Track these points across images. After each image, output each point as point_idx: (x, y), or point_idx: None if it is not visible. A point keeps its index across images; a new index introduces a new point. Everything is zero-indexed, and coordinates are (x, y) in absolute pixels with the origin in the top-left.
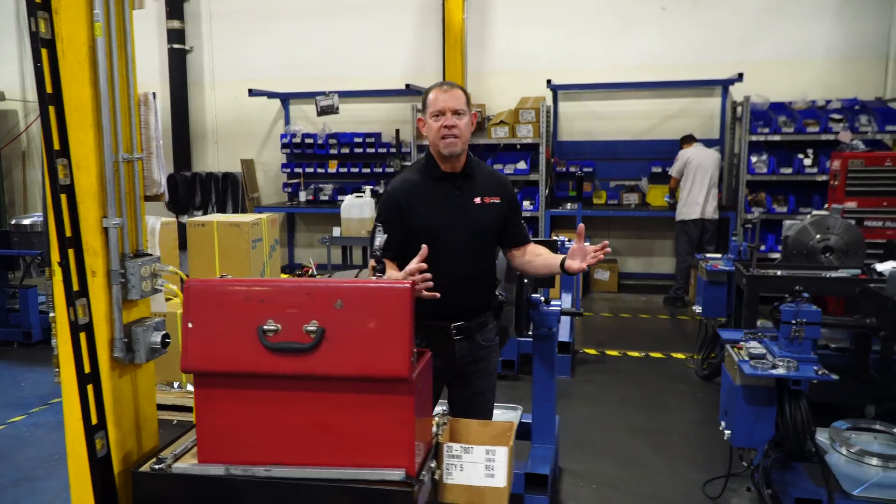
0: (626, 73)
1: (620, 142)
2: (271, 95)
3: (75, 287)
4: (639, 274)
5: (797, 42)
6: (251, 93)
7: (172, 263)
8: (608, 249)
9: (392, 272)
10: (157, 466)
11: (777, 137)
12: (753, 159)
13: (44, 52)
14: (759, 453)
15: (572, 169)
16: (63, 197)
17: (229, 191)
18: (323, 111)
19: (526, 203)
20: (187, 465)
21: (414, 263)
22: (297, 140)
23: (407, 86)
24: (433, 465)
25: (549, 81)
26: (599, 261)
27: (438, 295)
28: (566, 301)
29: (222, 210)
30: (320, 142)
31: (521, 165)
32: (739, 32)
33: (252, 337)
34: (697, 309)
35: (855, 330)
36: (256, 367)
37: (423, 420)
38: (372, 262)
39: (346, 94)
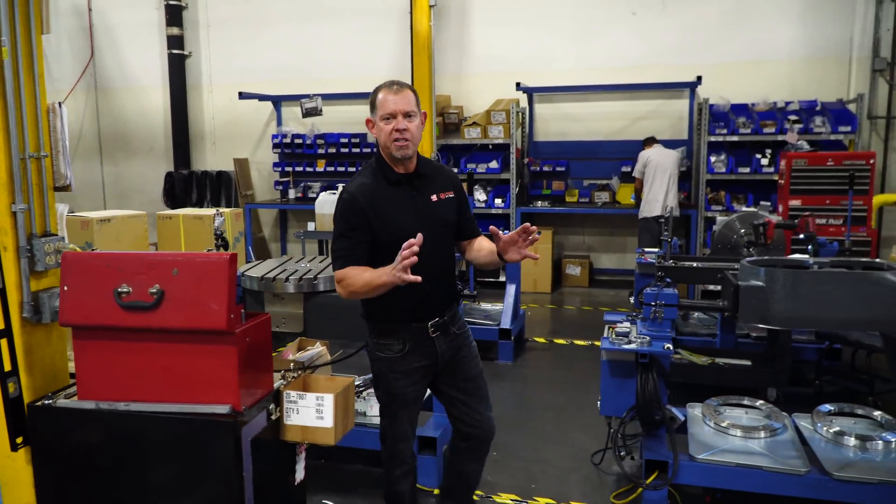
0: (599, 74)
1: (593, 142)
2: (262, 98)
3: None
4: (611, 270)
5: (763, 43)
6: (241, 95)
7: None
8: (533, 228)
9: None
10: (46, 402)
11: (735, 138)
12: (713, 159)
13: None
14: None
15: (545, 168)
16: None
17: (223, 188)
18: (307, 113)
19: (497, 201)
20: (69, 401)
21: (407, 251)
22: (288, 140)
23: None
24: (272, 407)
25: (518, 84)
26: (534, 242)
27: (420, 278)
28: (510, 292)
29: (216, 206)
30: (309, 142)
31: (493, 165)
32: (707, 35)
33: (110, 297)
34: (632, 299)
35: (710, 311)
36: (114, 321)
37: (254, 368)
38: (339, 275)
39: (332, 97)
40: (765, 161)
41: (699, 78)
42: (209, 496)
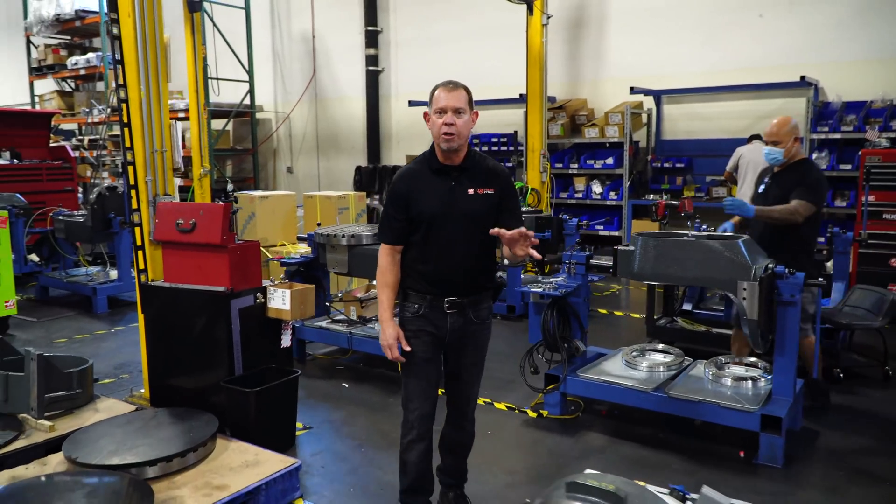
0: (725, 76)
1: (716, 140)
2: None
3: (134, 206)
4: None
5: (886, 42)
6: (411, 103)
7: (294, 222)
8: (530, 234)
9: (390, 262)
10: (151, 283)
11: (837, 135)
12: (814, 156)
13: (123, 105)
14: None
15: (666, 165)
16: (129, 168)
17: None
18: None
19: (612, 194)
20: (159, 282)
21: (391, 356)
22: None
23: (521, 95)
24: (258, 294)
25: (631, 88)
26: (534, 244)
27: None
28: None
29: None
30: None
31: (609, 161)
32: (831, 34)
33: (173, 226)
34: None
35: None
36: (174, 238)
37: (243, 269)
38: (381, 251)
39: (485, 103)
40: None
41: (802, 78)
42: (215, 338)
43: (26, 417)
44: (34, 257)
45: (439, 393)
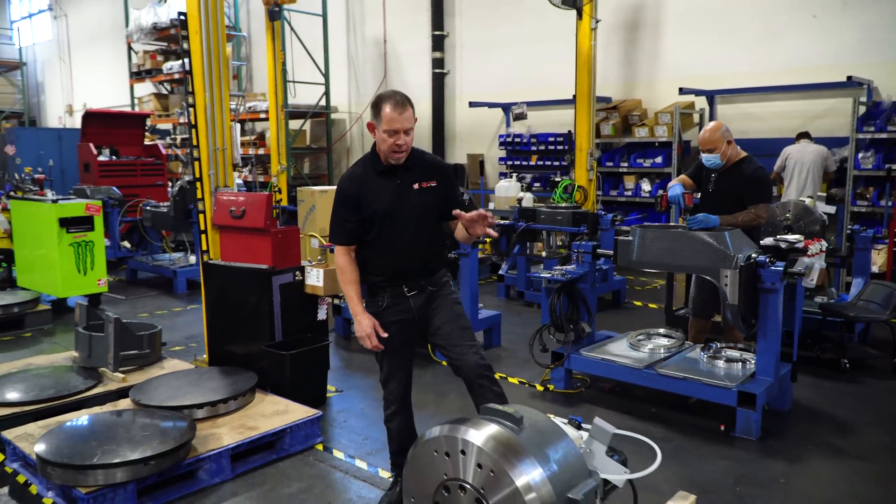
0: (779, 76)
1: (767, 140)
2: (491, 105)
3: (199, 196)
4: None
5: None
6: (471, 104)
7: None
8: (488, 214)
9: (348, 261)
10: (210, 261)
11: (883, 135)
12: (860, 155)
13: (191, 109)
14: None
15: None
16: (196, 162)
17: (457, 177)
18: (516, 117)
19: (660, 191)
20: (216, 260)
21: (371, 345)
22: (510, 140)
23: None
24: (297, 272)
25: (680, 89)
26: (491, 225)
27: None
28: None
29: None
30: (525, 140)
31: (658, 160)
32: (887, 33)
33: (227, 212)
34: None
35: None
36: (228, 223)
37: (284, 251)
38: (337, 252)
39: (542, 104)
40: None
41: (849, 78)
42: (260, 309)
43: (104, 370)
44: (126, 244)
45: (443, 364)
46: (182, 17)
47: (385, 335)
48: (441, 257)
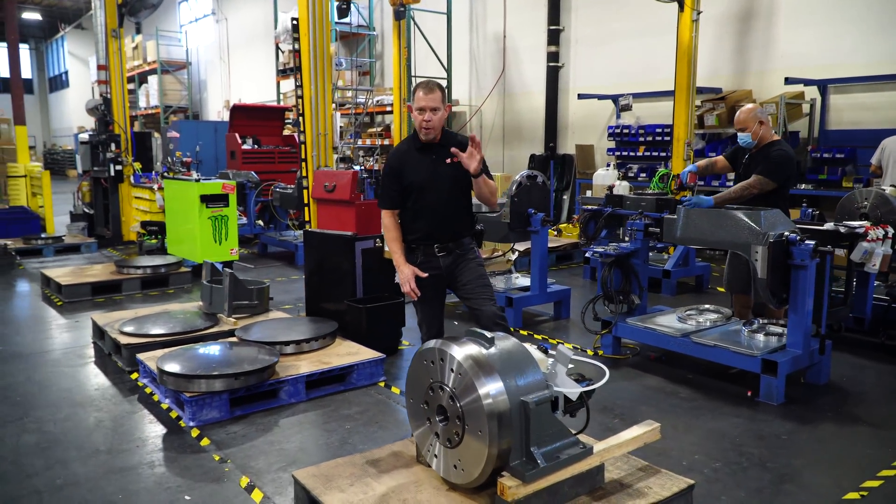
0: (893, 65)
1: (881, 130)
2: (601, 97)
3: (303, 174)
4: None
5: None
6: (580, 96)
7: None
8: (474, 135)
9: (392, 222)
10: (309, 229)
11: None
12: None
13: (299, 100)
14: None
15: (826, 155)
16: (302, 146)
17: (565, 166)
18: (622, 109)
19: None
20: (314, 229)
21: (408, 290)
22: (619, 131)
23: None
24: (377, 240)
25: (786, 79)
26: (478, 146)
27: (417, 293)
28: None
29: (559, 180)
30: (633, 132)
31: None
32: None
33: (322, 187)
34: None
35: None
36: (323, 196)
37: (366, 221)
38: (383, 215)
39: (651, 95)
40: None
41: None
42: (345, 270)
43: (221, 316)
44: (259, 222)
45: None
46: (294, 22)
47: (424, 276)
48: (468, 226)
